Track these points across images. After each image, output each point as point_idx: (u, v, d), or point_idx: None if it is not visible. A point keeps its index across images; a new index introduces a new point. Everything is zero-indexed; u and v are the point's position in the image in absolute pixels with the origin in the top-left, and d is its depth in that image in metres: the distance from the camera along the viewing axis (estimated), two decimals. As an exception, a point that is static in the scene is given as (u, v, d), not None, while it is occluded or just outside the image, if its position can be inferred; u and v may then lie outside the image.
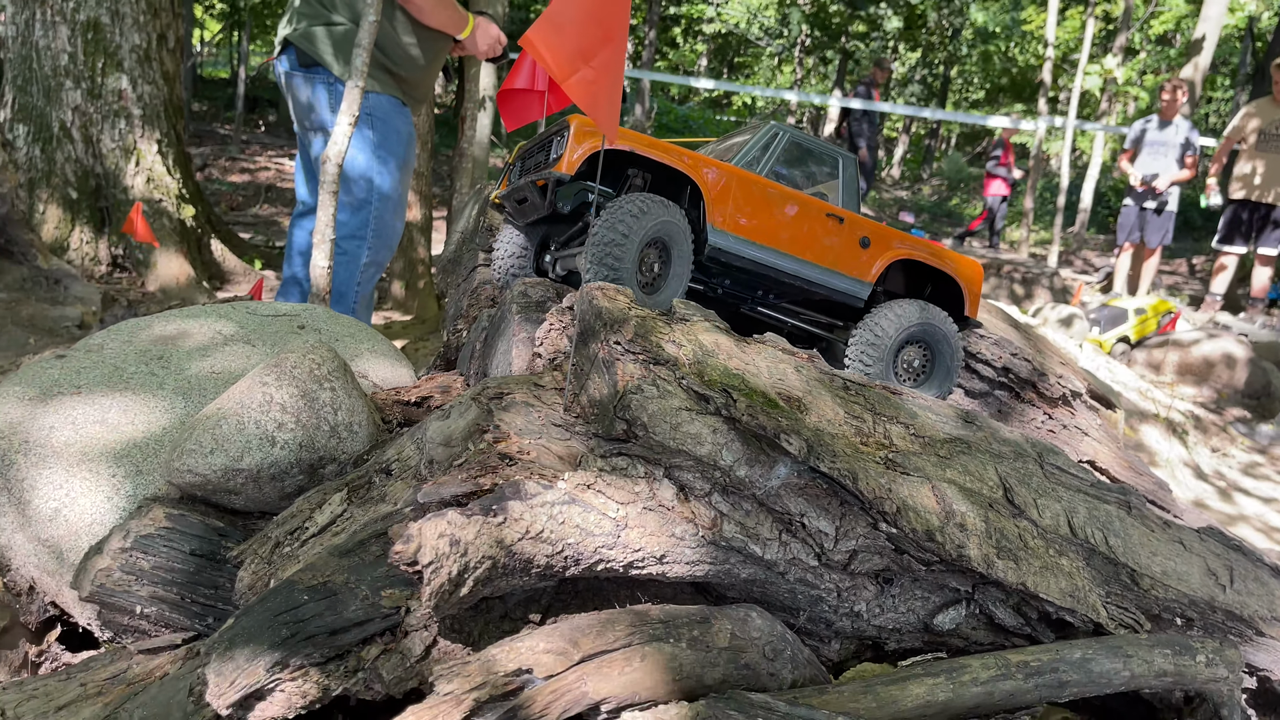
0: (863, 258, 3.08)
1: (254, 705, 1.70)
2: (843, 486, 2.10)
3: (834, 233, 3.03)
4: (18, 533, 2.35)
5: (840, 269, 3.06)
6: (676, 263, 2.78)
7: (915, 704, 2.03)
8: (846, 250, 3.06)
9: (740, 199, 2.89)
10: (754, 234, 2.92)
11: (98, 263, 8.96)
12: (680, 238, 2.76)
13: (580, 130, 2.73)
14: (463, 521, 1.80)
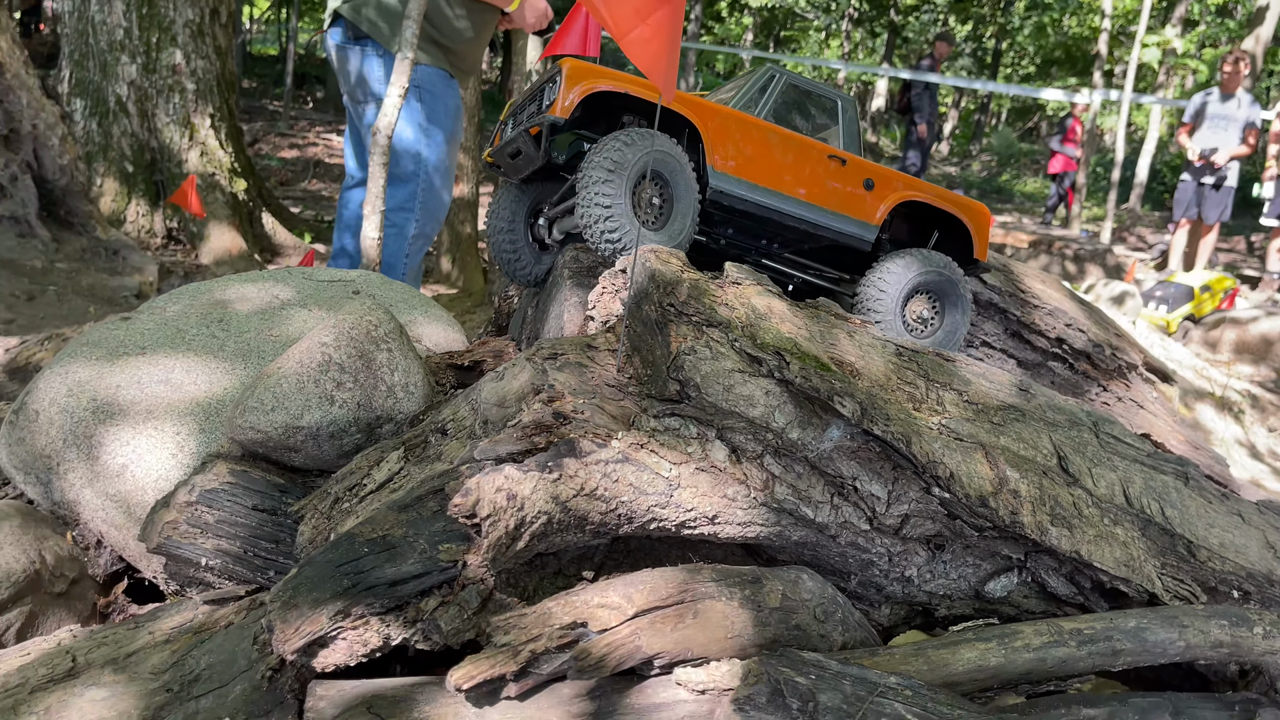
0: (867, 200, 3.00)
1: (317, 652, 1.75)
2: (896, 450, 2.10)
3: (837, 175, 2.95)
4: (86, 488, 2.42)
5: (845, 211, 2.98)
6: (679, 195, 2.70)
7: (966, 668, 2.03)
8: (850, 193, 2.98)
9: (740, 141, 2.81)
10: (755, 177, 2.85)
11: (153, 235, 9.13)
12: (678, 169, 2.67)
13: (573, 73, 2.64)
14: (520, 477, 1.83)
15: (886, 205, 3.03)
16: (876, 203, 3.02)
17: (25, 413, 2.53)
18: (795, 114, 3.12)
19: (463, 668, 1.68)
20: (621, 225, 2.54)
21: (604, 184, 2.52)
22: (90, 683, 1.93)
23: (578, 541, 1.99)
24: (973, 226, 3.13)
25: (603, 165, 2.52)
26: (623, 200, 2.54)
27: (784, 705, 1.78)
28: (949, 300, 3.04)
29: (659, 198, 2.69)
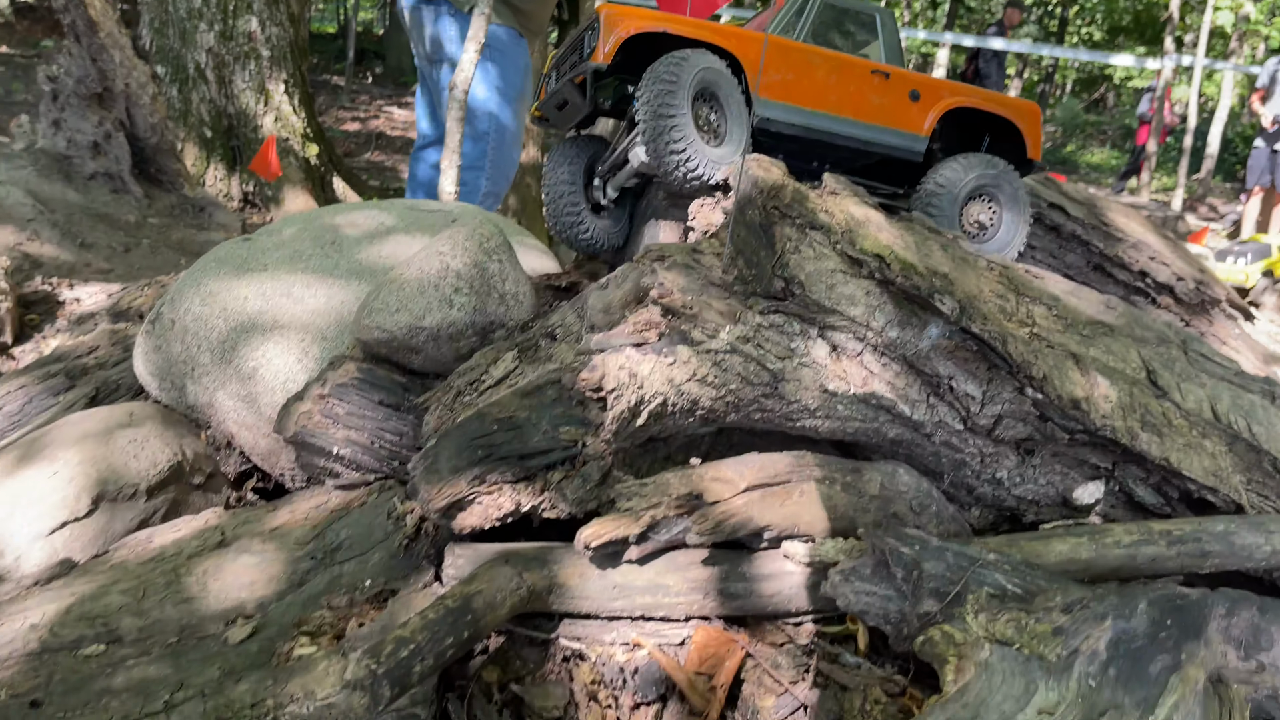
0: (914, 111, 2.99)
1: (456, 514, 1.89)
2: (992, 349, 2.18)
3: (881, 89, 2.95)
4: (219, 390, 2.60)
5: (892, 125, 2.98)
6: (732, 114, 2.72)
7: (1058, 560, 2.11)
8: (896, 105, 2.97)
9: (782, 66, 2.82)
10: (800, 99, 2.85)
11: (230, 199, 9.42)
12: (729, 88, 2.70)
13: (610, 18, 2.67)
14: (639, 358, 1.95)
15: (935, 114, 3.01)
16: (924, 112, 3.00)
17: (161, 322, 2.71)
18: (834, 33, 3.10)
19: (590, 527, 1.82)
20: (686, 137, 2.57)
21: (666, 96, 2.55)
22: (241, 551, 2.10)
23: (688, 428, 2.10)
24: (1024, 126, 3.09)
25: (663, 78, 2.56)
26: (685, 112, 2.57)
27: (888, 576, 1.88)
28: (1007, 203, 3.01)
29: (714, 114, 2.73)
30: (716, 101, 2.71)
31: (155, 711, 1.68)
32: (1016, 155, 3.15)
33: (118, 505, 2.38)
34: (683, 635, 1.92)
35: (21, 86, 14.29)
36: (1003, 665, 1.67)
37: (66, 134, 6.13)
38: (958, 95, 3.05)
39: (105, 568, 2.14)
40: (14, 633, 1.92)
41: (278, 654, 1.82)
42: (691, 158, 2.58)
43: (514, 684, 1.80)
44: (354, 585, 1.99)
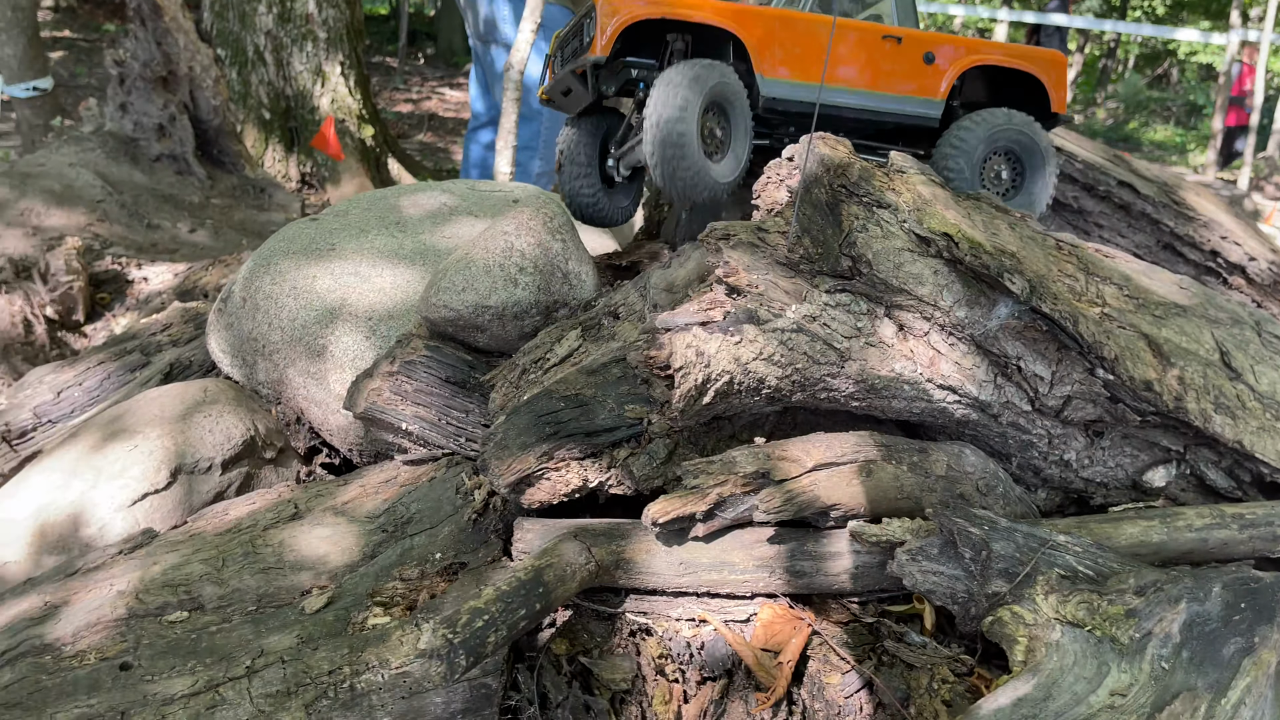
0: (928, 75, 2.86)
1: (524, 490, 1.92)
2: (1062, 329, 2.15)
3: (893, 55, 2.83)
4: (289, 367, 2.66)
5: (906, 92, 2.87)
6: (738, 124, 2.65)
7: (1128, 542, 2.09)
8: (910, 70, 2.85)
9: (787, 42, 2.72)
10: (808, 75, 2.75)
11: (288, 179, 9.57)
12: (737, 97, 2.62)
13: (605, 8, 2.59)
14: (706, 336, 1.95)
15: (950, 75, 2.88)
16: (939, 76, 2.88)
17: (233, 300, 2.78)
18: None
19: (658, 503, 1.83)
20: (693, 163, 2.50)
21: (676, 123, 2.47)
22: (314, 523, 2.16)
23: (753, 406, 2.11)
24: (1048, 80, 2.96)
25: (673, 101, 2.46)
26: (692, 136, 2.49)
27: (956, 556, 1.88)
28: (1030, 160, 2.89)
29: (720, 128, 2.66)
30: (724, 115, 2.65)
31: (238, 676, 1.74)
32: (1040, 108, 3.01)
33: (195, 478, 2.45)
34: (748, 612, 1.93)
35: (85, 70, 14.62)
36: (1074, 646, 1.66)
37: (133, 117, 6.27)
38: (975, 54, 2.91)
39: (185, 538, 2.21)
40: (101, 599, 2.00)
41: (352, 623, 1.86)
42: (695, 180, 2.53)
43: (582, 656, 1.83)
44: (424, 558, 2.03)
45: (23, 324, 4.51)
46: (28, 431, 2.86)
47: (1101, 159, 3.44)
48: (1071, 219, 3.40)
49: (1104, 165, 3.41)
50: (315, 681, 1.72)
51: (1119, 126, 21.10)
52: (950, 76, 2.90)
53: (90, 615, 1.94)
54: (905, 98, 2.89)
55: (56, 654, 1.85)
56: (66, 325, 4.74)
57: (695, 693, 1.83)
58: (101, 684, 1.75)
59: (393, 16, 27.83)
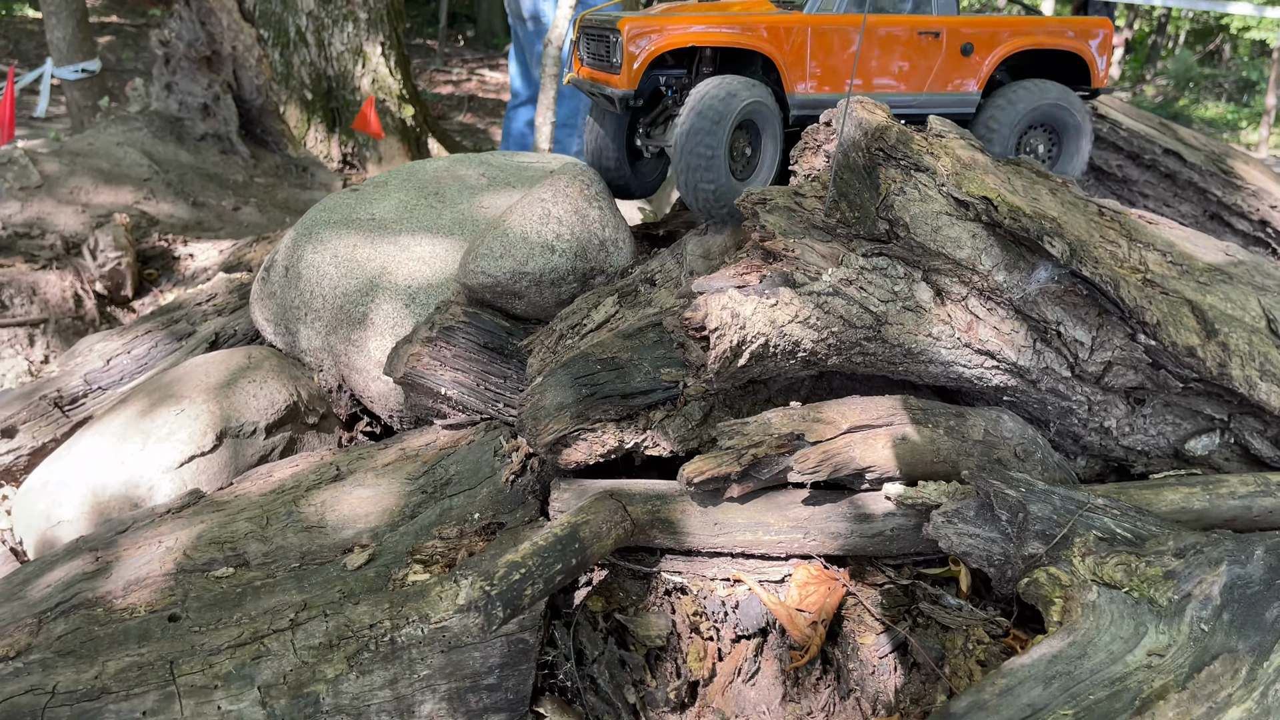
0: (966, 67, 2.78)
1: (561, 450, 1.94)
2: (1103, 293, 2.12)
3: (930, 52, 2.74)
4: (331, 335, 2.70)
5: (942, 90, 2.79)
6: (767, 144, 2.60)
7: (1169, 509, 2.06)
8: (948, 65, 2.77)
9: (819, 52, 2.63)
10: (839, 85, 2.68)
11: (330, 159, 9.66)
12: (769, 116, 2.57)
13: (631, 37, 2.48)
14: (741, 299, 1.96)
15: (989, 66, 2.81)
16: (976, 67, 2.80)
17: (275, 269, 2.83)
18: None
19: (693, 463, 1.85)
20: (719, 178, 2.46)
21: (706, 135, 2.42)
22: (356, 484, 2.20)
23: (788, 370, 2.11)
24: (1089, 55, 2.88)
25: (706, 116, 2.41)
26: (721, 153, 2.45)
27: (992, 518, 1.87)
28: (1067, 133, 2.83)
29: (749, 147, 2.62)
30: (753, 131, 2.60)
31: (282, 628, 1.78)
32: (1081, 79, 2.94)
33: (240, 441, 2.50)
34: (782, 573, 1.94)
35: (132, 55, 14.85)
36: (1111, 607, 1.65)
37: (178, 96, 6.37)
38: (1015, 38, 2.83)
39: (230, 498, 2.26)
40: (151, 555, 2.06)
41: (393, 580, 1.90)
42: (719, 199, 2.49)
43: (618, 614, 1.85)
44: (463, 518, 2.06)
45: (73, 299, 4.62)
46: (79, 398, 2.93)
47: (1147, 127, 3.38)
48: (1116, 188, 3.35)
49: (1150, 133, 3.35)
50: (357, 635, 1.76)
51: (1168, 104, 20.64)
52: (989, 67, 2.83)
53: (140, 570, 2.00)
54: (942, 95, 2.83)
55: (108, 606, 1.91)
56: (115, 300, 4.85)
57: (730, 650, 1.84)
58: (151, 634, 1.81)
59: (432, -1, 27.90)
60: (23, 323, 4.36)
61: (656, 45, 2.48)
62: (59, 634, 1.84)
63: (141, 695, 1.65)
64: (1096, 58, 2.92)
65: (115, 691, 1.65)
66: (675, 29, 2.49)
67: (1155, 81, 23.73)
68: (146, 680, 1.67)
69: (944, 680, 1.74)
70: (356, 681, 1.70)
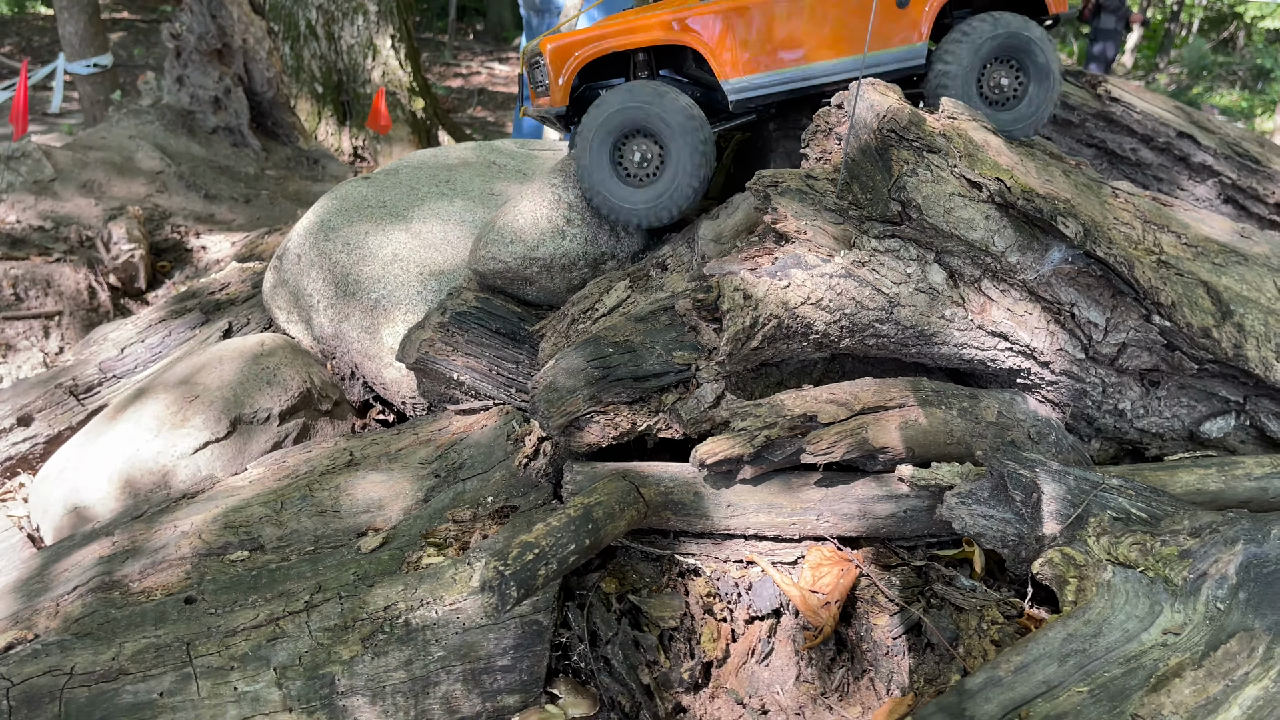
0: (904, 19, 2.66)
1: (574, 433, 1.94)
2: (1117, 274, 2.11)
3: (861, 11, 2.62)
4: (343, 322, 2.71)
5: (884, 47, 2.67)
6: (674, 145, 2.47)
7: (1184, 490, 2.05)
8: (883, 22, 2.64)
9: (746, 32, 2.57)
10: (774, 62, 2.59)
11: (340, 152, 9.68)
12: (671, 115, 2.45)
13: (554, 57, 2.48)
14: (753, 280, 1.95)
15: (929, 13, 2.67)
16: (916, 15, 2.67)
17: (288, 257, 2.84)
18: None
19: (706, 444, 1.85)
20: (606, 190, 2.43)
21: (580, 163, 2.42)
22: (370, 469, 2.21)
23: (801, 352, 2.11)
24: None
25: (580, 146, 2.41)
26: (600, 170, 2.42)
27: (1006, 499, 1.87)
28: (1031, 64, 2.69)
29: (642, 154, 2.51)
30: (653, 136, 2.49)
31: (297, 610, 1.79)
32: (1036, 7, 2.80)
33: (254, 428, 2.52)
34: (795, 554, 1.94)
35: (143, 51, 14.90)
36: (1126, 586, 1.64)
37: (190, 90, 6.39)
38: None
39: (245, 483, 2.27)
40: (167, 539, 2.07)
41: (407, 562, 1.91)
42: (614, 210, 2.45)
43: (632, 595, 1.85)
44: (476, 501, 2.07)
45: (87, 291, 4.65)
46: (94, 386, 2.95)
47: (1161, 109, 3.35)
48: (1129, 171, 3.32)
49: (1164, 116, 3.32)
50: (371, 617, 1.77)
51: (1182, 92, 20.49)
52: (929, 15, 2.70)
53: (157, 554, 2.01)
54: (882, 53, 2.71)
55: (125, 590, 1.92)
56: (129, 292, 4.88)
57: (743, 631, 1.85)
58: (168, 616, 1.82)
59: (442, -9, 27.89)
60: (38, 315, 4.39)
61: (575, 62, 2.48)
62: (77, 616, 1.86)
63: (159, 676, 1.66)
64: None
65: (132, 672, 1.67)
66: (590, 43, 2.48)
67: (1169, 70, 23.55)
68: (163, 661, 1.69)
69: (958, 660, 1.74)
70: (372, 663, 1.71)
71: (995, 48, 2.64)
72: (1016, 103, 2.70)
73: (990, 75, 2.66)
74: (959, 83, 2.63)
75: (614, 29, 2.51)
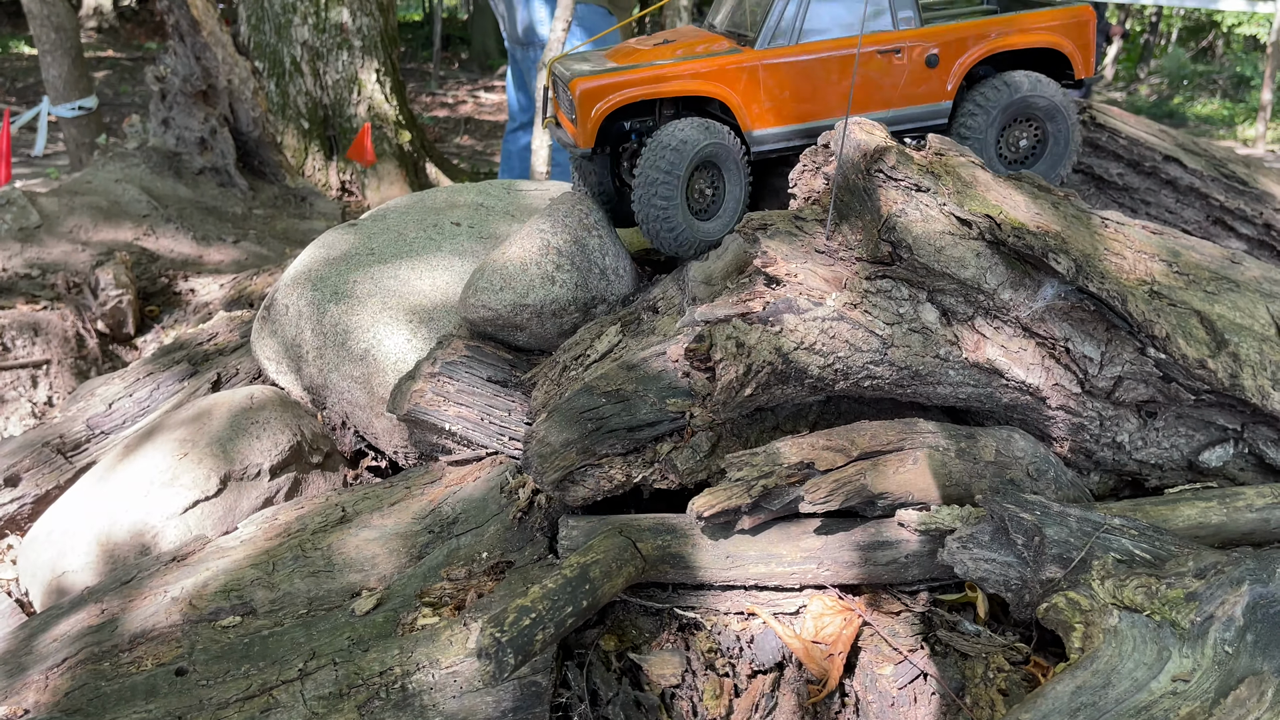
0: (932, 79, 2.70)
1: (568, 487, 1.92)
2: (1111, 308, 2.10)
3: (892, 70, 2.66)
4: (333, 372, 2.68)
5: (909, 104, 2.71)
6: (730, 182, 2.59)
7: (1186, 524, 2.04)
8: (913, 80, 2.69)
9: (772, 87, 2.59)
10: (799, 115, 2.62)
11: (328, 188, 9.68)
12: (728, 155, 2.55)
13: (584, 100, 2.48)
14: (745, 327, 1.94)
15: (958, 73, 2.72)
16: (944, 75, 2.71)
17: (275, 308, 2.81)
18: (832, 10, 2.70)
19: (702, 497, 1.82)
20: (677, 223, 2.49)
21: (660, 185, 2.45)
22: (362, 526, 2.18)
23: (796, 396, 2.09)
24: (1069, 48, 2.77)
25: (658, 166, 2.45)
26: (678, 200, 2.48)
27: (1008, 542, 1.84)
28: (1052, 126, 2.75)
29: (711, 188, 2.61)
30: (715, 170, 2.59)
31: (291, 679, 1.76)
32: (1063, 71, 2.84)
33: (244, 484, 2.48)
34: (797, 604, 1.92)
35: (130, 88, 14.92)
36: (1133, 632, 1.62)
37: (175, 131, 6.39)
38: (980, 43, 2.73)
39: (236, 544, 2.24)
40: (156, 606, 2.03)
41: (402, 624, 1.88)
42: (681, 240, 2.51)
43: (631, 653, 1.82)
44: (471, 557, 2.04)
45: (75, 339, 4.61)
46: (82, 443, 2.92)
47: (1146, 134, 3.36)
48: (1118, 196, 3.33)
49: (1149, 140, 3.33)
50: (367, 683, 1.73)
51: (1163, 102, 20.65)
52: (957, 76, 2.75)
53: (146, 622, 1.98)
54: (910, 108, 2.75)
55: (114, 660, 1.88)
56: (118, 339, 4.84)
57: (746, 686, 1.82)
58: (158, 689, 1.78)
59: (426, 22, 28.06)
60: (25, 365, 4.36)
61: (606, 106, 2.49)
62: (66, 690, 1.82)
63: (150, 753, 1.62)
64: (1076, 49, 2.81)
65: (124, 750, 1.63)
66: (622, 89, 2.50)
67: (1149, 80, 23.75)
68: (155, 737, 1.65)
69: (965, 711, 1.71)
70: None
71: (1011, 112, 2.71)
72: (1036, 160, 2.77)
73: (1009, 137, 2.73)
74: (978, 145, 2.70)
75: (642, 76, 2.53)
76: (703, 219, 2.57)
